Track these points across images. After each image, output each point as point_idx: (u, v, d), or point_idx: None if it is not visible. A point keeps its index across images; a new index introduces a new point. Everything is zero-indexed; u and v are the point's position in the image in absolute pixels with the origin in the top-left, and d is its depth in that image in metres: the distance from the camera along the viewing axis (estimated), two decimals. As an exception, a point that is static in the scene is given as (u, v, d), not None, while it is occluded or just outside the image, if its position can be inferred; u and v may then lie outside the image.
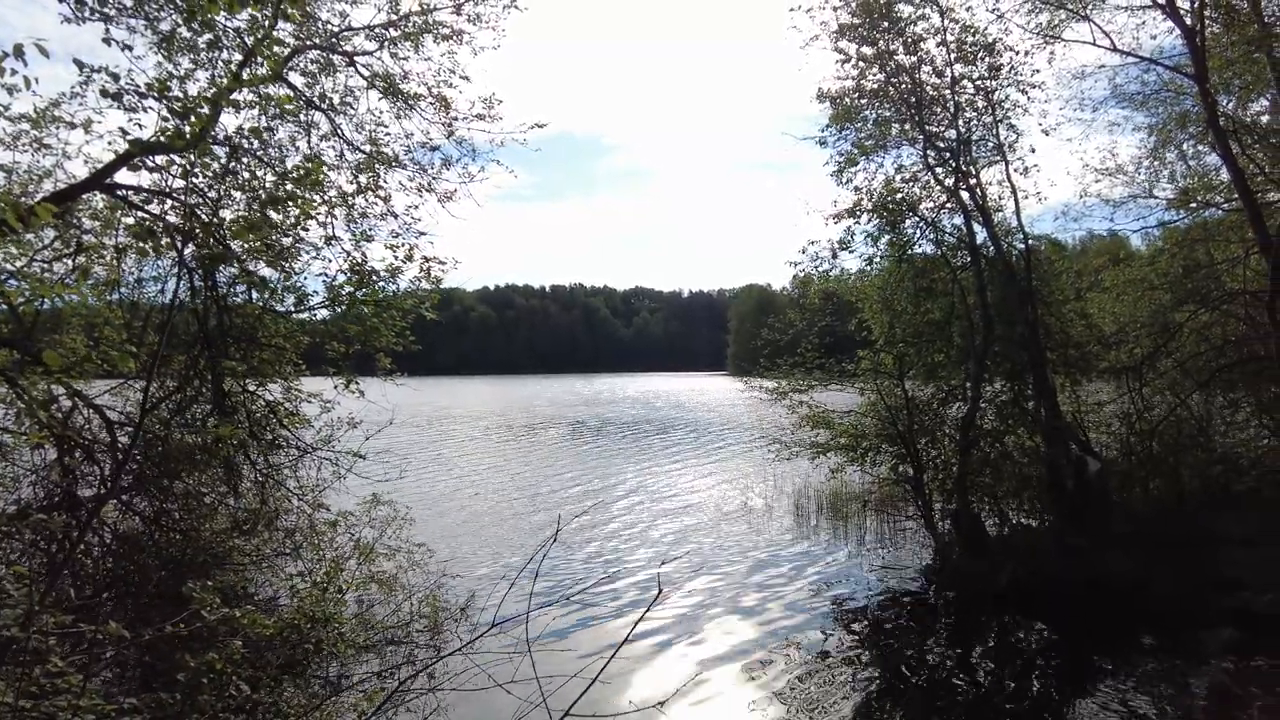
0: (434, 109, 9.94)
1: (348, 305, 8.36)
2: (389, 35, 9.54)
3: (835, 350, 14.35)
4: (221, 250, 5.91)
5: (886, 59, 12.95)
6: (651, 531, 15.83)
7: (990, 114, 13.24)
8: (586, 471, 24.59)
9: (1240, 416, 14.07)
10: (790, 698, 8.09)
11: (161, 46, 7.63)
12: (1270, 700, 7.65)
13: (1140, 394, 13.89)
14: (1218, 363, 13.68)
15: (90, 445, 7.74)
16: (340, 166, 9.54)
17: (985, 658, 9.45)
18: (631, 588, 12.00)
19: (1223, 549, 10.77)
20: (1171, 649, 9.05)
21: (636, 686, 8.21)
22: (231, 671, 4.60)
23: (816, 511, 16.95)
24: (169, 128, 4.81)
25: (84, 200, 8.25)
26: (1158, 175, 16.16)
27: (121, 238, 7.57)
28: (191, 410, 8.63)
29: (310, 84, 9.34)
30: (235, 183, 7.52)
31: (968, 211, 13.00)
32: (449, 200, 9.96)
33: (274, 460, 9.33)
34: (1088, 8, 13.75)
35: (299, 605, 6.97)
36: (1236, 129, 14.01)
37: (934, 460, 13.14)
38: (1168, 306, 14.53)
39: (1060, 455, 12.09)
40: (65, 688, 3.87)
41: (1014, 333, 12.78)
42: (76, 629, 4.08)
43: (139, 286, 8.72)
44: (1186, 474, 13.06)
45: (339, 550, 9.14)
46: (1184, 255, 14.96)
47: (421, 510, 16.08)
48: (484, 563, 13.36)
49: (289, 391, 9.14)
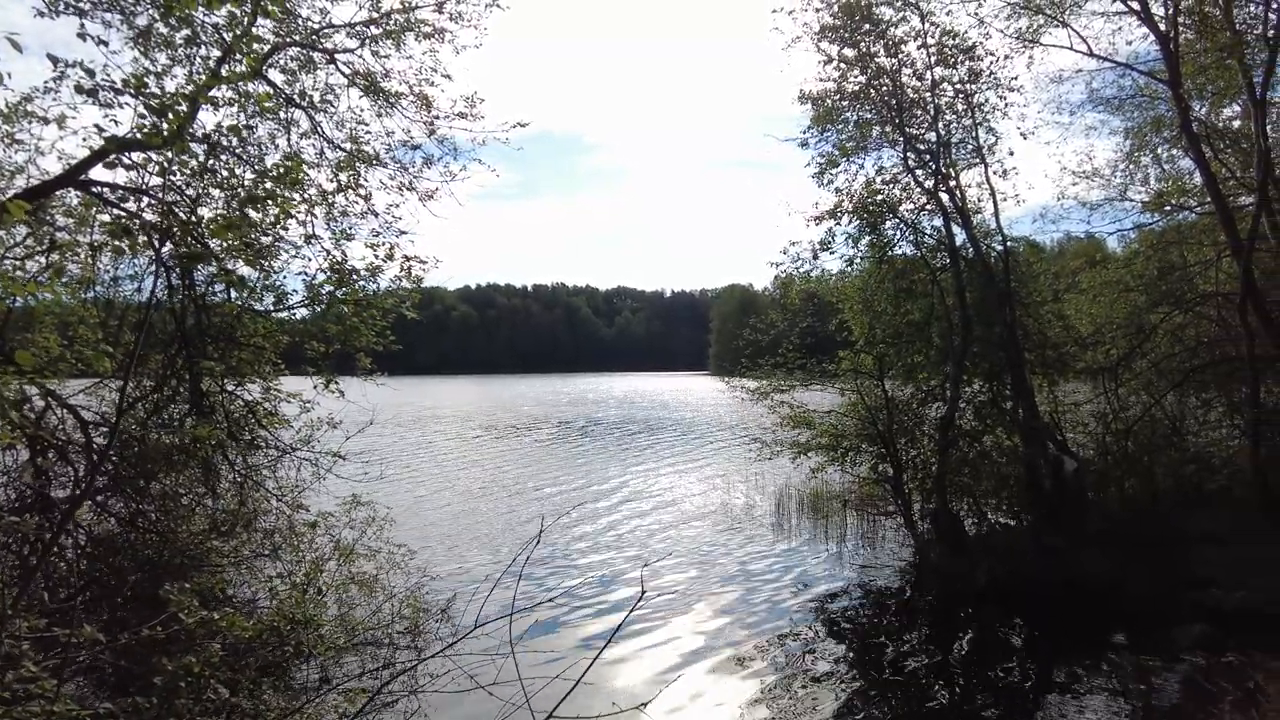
0: (415, 107, 9.86)
1: (328, 304, 8.28)
2: (370, 33, 9.44)
3: (816, 350, 14.43)
4: (200, 249, 5.84)
5: (868, 61, 13.05)
6: (633, 531, 15.84)
7: (970, 117, 13.38)
8: (567, 472, 24.55)
9: (1212, 416, 14.33)
10: (771, 697, 8.12)
11: (138, 42, 7.52)
12: (1240, 695, 7.80)
13: (1116, 394, 14.10)
14: (1191, 364, 13.92)
15: (64, 446, 7.61)
16: (320, 165, 9.44)
17: (963, 655, 9.55)
18: (613, 587, 12.00)
19: (1195, 547, 10.96)
20: (1145, 646, 9.19)
21: (618, 686, 8.21)
22: (210, 675, 4.54)
23: (797, 511, 17.03)
24: (146, 124, 4.74)
25: (57, 197, 8.11)
26: (1133, 178, 16.46)
27: (97, 235, 7.44)
28: (168, 410, 8.52)
29: (290, 81, 9.23)
30: (214, 181, 7.43)
31: (947, 213, 13.13)
32: (430, 199, 9.89)
33: (252, 461, 9.22)
34: (1066, 13, 13.95)
35: (279, 607, 6.90)
36: (1209, 134, 14.27)
37: (913, 460, 13.26)
38: (1143, 308, 14.77)
39: (1038, 455, 12.24)
40: (39, 693, 3.81)
41: (992, 333, 12.92)
42: (51, 633, 4.01)
43: (114, 285, 8.58)
44: (1160, 473, 13.29)
45: (318, 551, 9.05)
46: (1158, 258, 15.22)
47: (402, 511, 15.98)
48: (465, 564, 13.31)
49: (268, 391, 9.03)
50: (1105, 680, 8.45)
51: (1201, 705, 7.76)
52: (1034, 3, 14.05)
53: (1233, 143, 14.91)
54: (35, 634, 3.99)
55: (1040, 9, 14.05)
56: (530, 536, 14.98)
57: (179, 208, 6.90)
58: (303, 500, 9.34)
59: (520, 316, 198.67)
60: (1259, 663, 8.38)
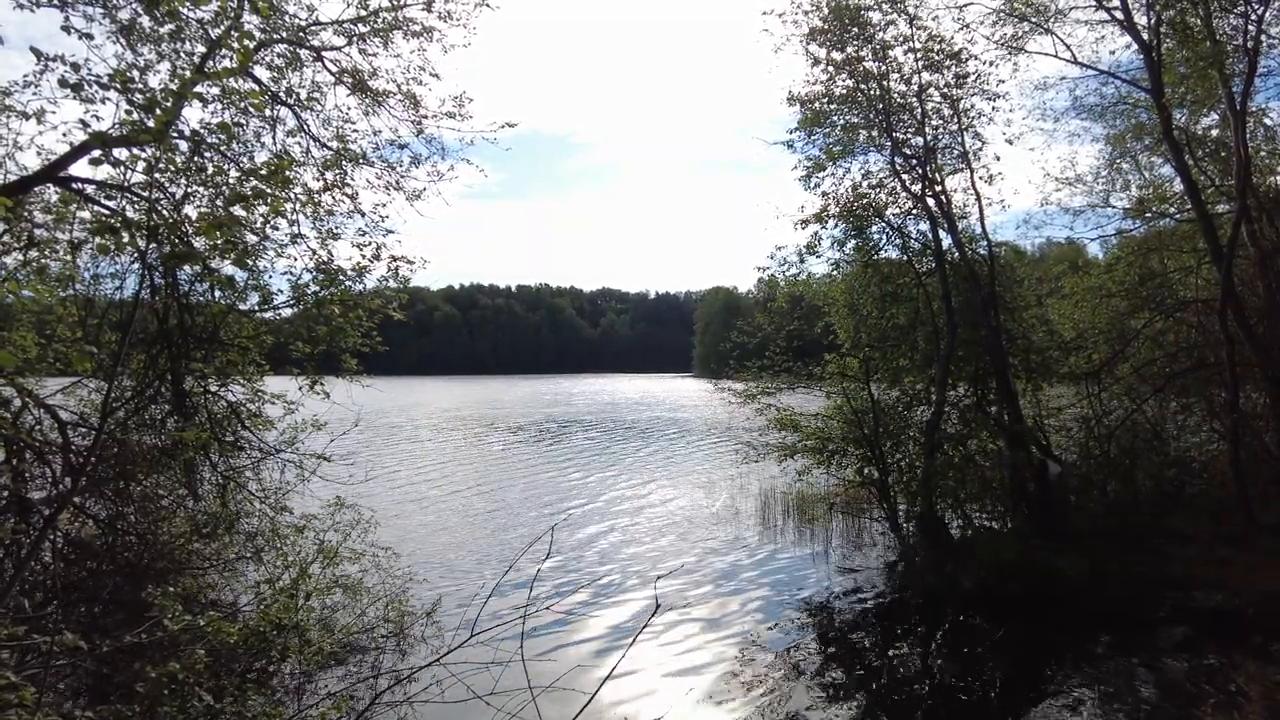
0: (403, 106, 9.77)
1: (314, 305, 8.18)
2: (358, 30, 9.34)
3: (802, 354, 14.47)
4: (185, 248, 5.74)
5: (855, 65, 13.10)
6: (620, 536, 15.78)
7: (956, 122, 13.47)
8: (551, 474, 24.45)
9: (1192, 421, 14.51)
10: (755, 699, 8.11)
11: (121, 36, 7.39)
12: (1221, 698, 7.89)
13: (1098, 399, 14.25)
14: (1171, 369, 14.10)
15: (41, 447, 7.46)
16: (306, 163, 9.33)
17: (949, 657, 9.58)
18: (606, 595, 11.94)
19: (1176, 550, 11.09)
20: (1128, 648, 9.28)
21: (602, 692, 8.16)
22: (194, 681, 4.45)
23: (783, 513, 17.05)
24: (130, 120, 4.64)
25: (35, 193, 7.95)
26: (1115, 185, 16.66)
27: (77, 232, 7.30)
28: (149, 410, 8.38)
29: (276, 78, 9.11)
30: (199, 179, 7.31)
31: (933, 218, 13.20)
32: (417, 199, 9.81)
33: (235, 462, 9.10)
34: (1050, 21, 14.11)
35: (264, 611, 6.79)
36: (1190, 141, 14.46)
37: (899, 463, 13.31)
38: (1124, 314, 14.95)
39: (1022, 459, 12.33)
40: (17, 702, 3.71)
41: (977, 338, 13.01)
42: (30, 640, 3.91)
43: (95, 283, 8.43)
44: (1142, 476, 13.45)
45: (303, 555, 8.94)
46: (1140, 264, 15.40)
47: (388, 514, 15.85)
48: (451, 569, 13.20)
49: (253, 392, 8.91)
50: (1088, 682, 8.51)
51: (1183, 707, 7.84)
52: (1019, 9, 14.19)
53: (1212, 151, 15.13)
54: (14, 641, 3.89)
55: (1025, 16, 14.19)
56: (520, 542, 14.91)
57: (163, 205, 6.79)
58: (286, 502, 9.23)
59: (504, 317, 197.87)
60: (1239, 664, 8.49)
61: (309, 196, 8.56)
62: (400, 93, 9.71)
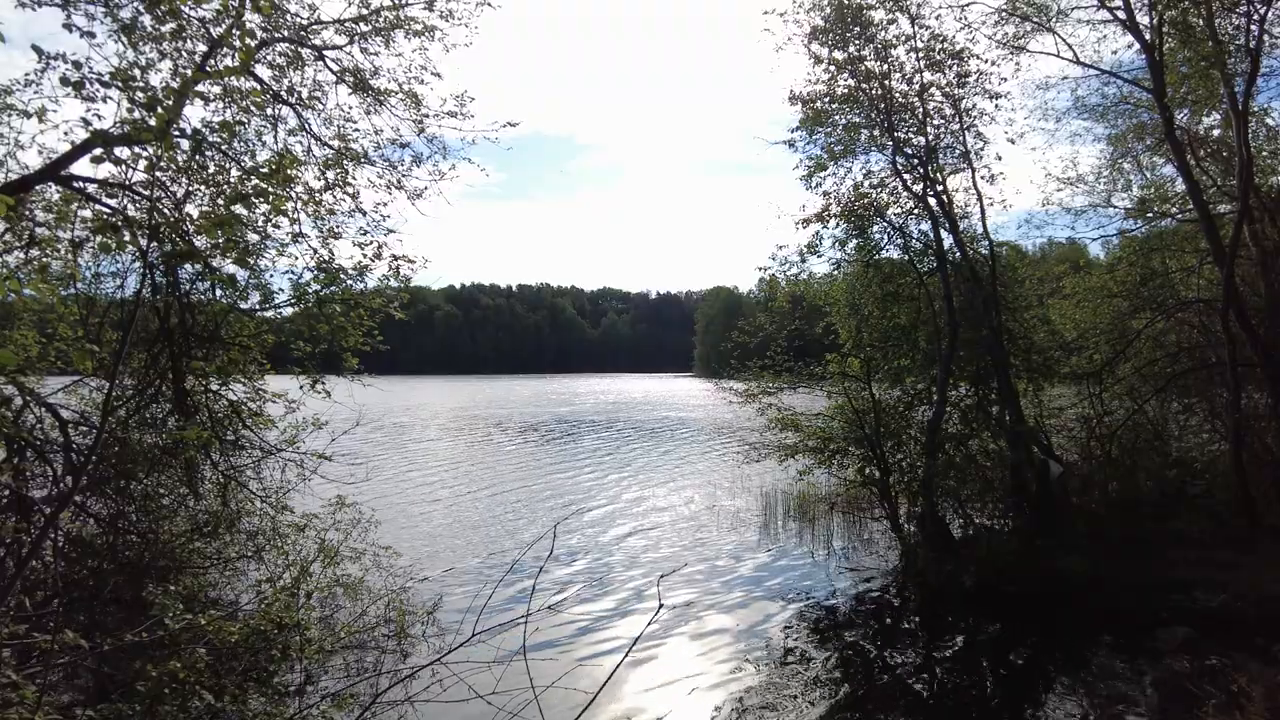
0: (405, 105, 9.75)
1: (315, 303, 8.17)
2: (359, 30, 9.33)
3: (804, 353, 14.45)
4: (187, 247, 5.74)
5: (857, 64, 13.08)
6: (621, 535, 15.78)
7: (957, 121, 13.44)
8: (562, 475, 24.44)
9: (1194, 421, 14.49)
10: (756, 699, 8.11)
11: (122, 34, 7.38)
12: (1223, 698, 7.87)
13: (1100, 399, 14.22)
14: (1173, 369, 14.08)
15: (42, 446, 7.45)
16: (308, 162, 9.32)
17: (951, 657, 9.58)
18: (608, 594, 11.94)
19: (1177, 551, 11.07)
20: (1129, 648, 9.27)
21: (604, 692, 8.15)
22: (195, 680, 4.45)
23: (784, 514, 17.05)
24: (131, 119, 4.64)
25: (36, 191, 7.94)
26: (1116, 185, 16.63)
27: (78, 231, 7.30)
28: (151, 409, 8.37)
29: (277, 77, 9.10)
30: (201, 177, 7.31)
31: (935, 217, 13.17)
32: (419, 198, 9.78)
33: (236, 461, 9.09)
34: (1052, 20, 14.08)
35: (265, 610, 6.79)
36: (1191, 142, 14.43)
37: (900, 463, 13.29)
38: (1126, 314, 14.92)
39: (1023, 459, 12.31)
40: (18, 701, 3.71)
41: (979, 338, 12.98)
42: (31, 639, 3.91)
43: (96, 282, 8.42)
44: (1143, 477, 13.42)
45: (304, 554, 8.93)
46: (1141, 264, 15.37)
47: (397, 514, 15.88)
48: (458, 567, 13.20)
49: (254, 391, 8.90)
50: (1089, 682, 8.51)
51: (1185, 707, 7.82)
52: (1021, 9, 14.17)
53: (1213, 151, 15.11)
54: (15, 640, 3.88)
55: (1027, 15, 14.17)
56: (520, 542, 14.91)
57: (164, 204, 6.79)
58: (287, 502, 9.23)
59: (505, 317, 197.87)
60: (1241, 665, 8.46)
61: (310, 195, 8.56)
62: (402, 92, 9.69)
